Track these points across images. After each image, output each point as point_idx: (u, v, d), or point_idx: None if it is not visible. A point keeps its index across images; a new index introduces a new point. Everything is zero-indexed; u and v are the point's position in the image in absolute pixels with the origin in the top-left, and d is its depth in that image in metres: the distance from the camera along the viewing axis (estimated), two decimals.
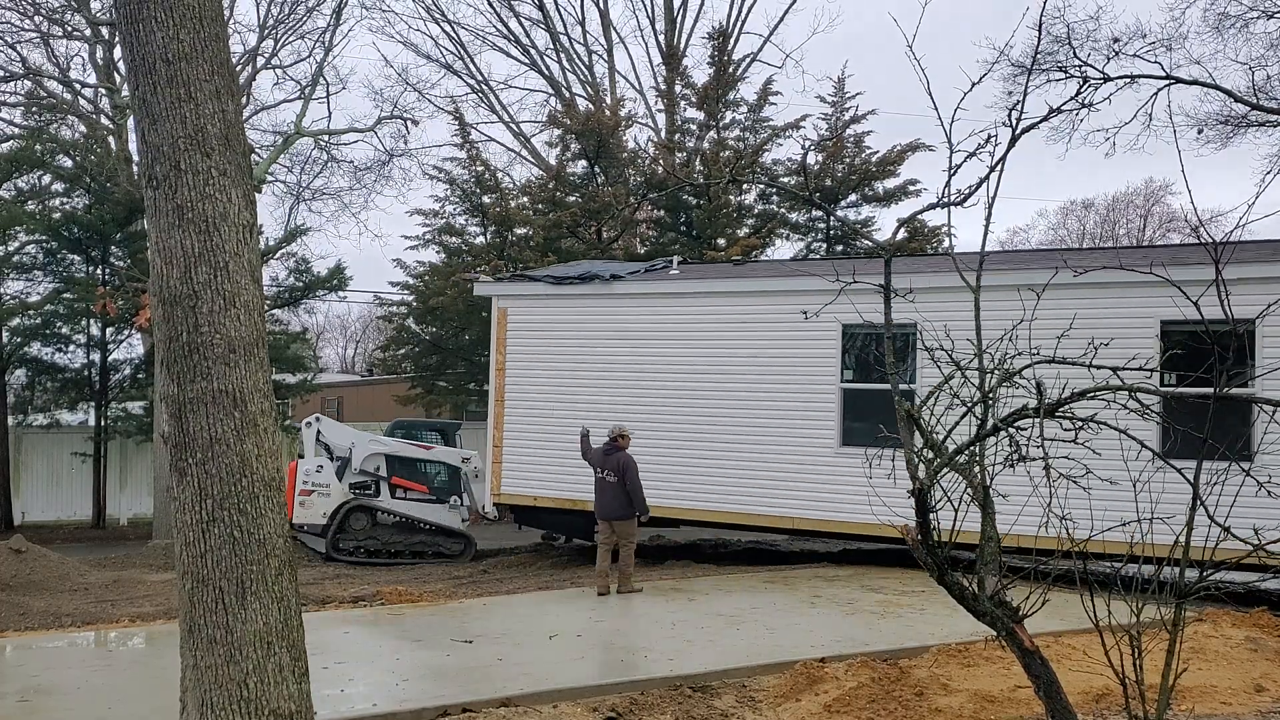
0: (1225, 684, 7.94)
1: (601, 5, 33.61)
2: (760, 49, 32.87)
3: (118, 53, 24.14)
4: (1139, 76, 13.19)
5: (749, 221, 27.97)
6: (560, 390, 16.06)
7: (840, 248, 27.43)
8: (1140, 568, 5.07)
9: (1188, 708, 7.23)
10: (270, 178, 27.55)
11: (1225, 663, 8.51)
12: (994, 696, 7.59)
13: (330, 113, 35.47)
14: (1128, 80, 13.33)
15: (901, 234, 22.55)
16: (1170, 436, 5.42)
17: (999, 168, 5.76)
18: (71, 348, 26.67)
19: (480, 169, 28.06)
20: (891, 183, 27.32)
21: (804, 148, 28.59)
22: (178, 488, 4.82)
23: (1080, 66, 14.51)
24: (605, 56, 33.70)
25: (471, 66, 34.68)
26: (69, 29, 26.60)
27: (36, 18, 25.94)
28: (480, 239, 28.04)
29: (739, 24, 32.07)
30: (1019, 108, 5.82)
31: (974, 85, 5.84)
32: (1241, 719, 7.25)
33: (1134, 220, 47.73)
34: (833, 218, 26.66)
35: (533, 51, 34.20)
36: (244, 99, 24.88)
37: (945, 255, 16.12)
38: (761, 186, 27.26)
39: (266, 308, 8.46)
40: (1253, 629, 9.52)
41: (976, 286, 5.84)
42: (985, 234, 6.05)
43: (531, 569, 16.00)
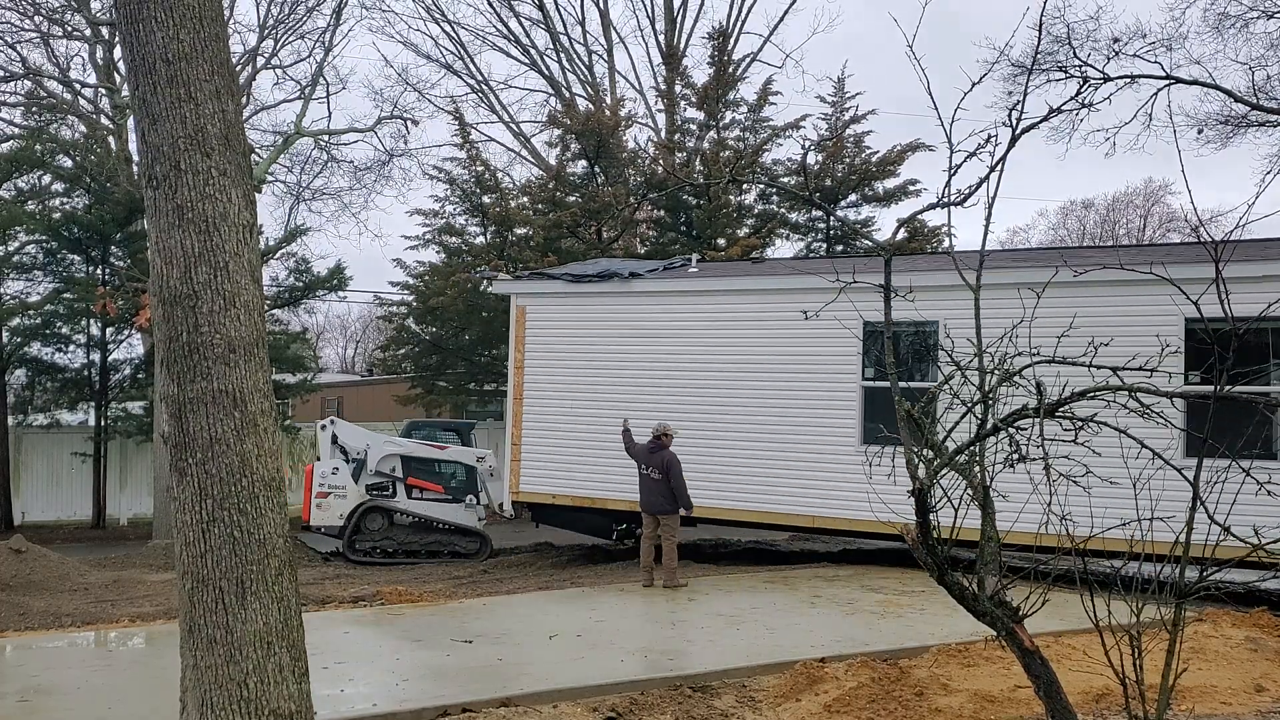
0: (1225, 684, 7.94)
1: (601, 5, 33.64)
2: (760, 49, 32.93)
3: (118, 53, 24.14)
4: (1139, 76, 13.21)
5: (749, 221, 27.98)
6: (579, 388, 16.09)
7: (840, 248, 27.43)
8: (1140, 567, 5.07)
9: (1188, 708, 7.23)
10: (270, 178, 27.54)
11: (1225, 663, 8.51)
12: (994, 696, 7.59)
13: (330, 113, 35.61)
14: (1128, 80, 13.35)
15: (901, 234, 22.59)
16: (1193, 436, 5.41)
17: (999, 168, 5.77)
18: (71, 348, 26.66)
19: (480, 169, 28.07)
20: (891, 183, 27.34)
21: (804, 148, 28.60)
22: (178, 488, 4.82)
23: (1080, 66, 14.53)
24: (605, 56, 33.73)
25: (471, 66, 34.73)
26: (69, 29, 26.60)
27: (36, 18, 25.94)
28: (480, 239, 28.05)
29: (739, 24, 32.12)
30: (1019, 108, 5.82)
31: (974, 85, 5.85)
32: (1241, 719, 7.25)
33: (1134, 220, 47.74)
34: (833, 218, 26.66)
35: (533, 51, 34.23)
36: (244, 99, 24.88)
37: (961, 253, 16.12)
38: (761, 186, 27.26)
39: (266, 308, 8.46)
40: (1253, 629, 9.52)
41: (976, 286, 5.84)
42: (985, 234, 6.05)
43: (532, 569, 16.00)
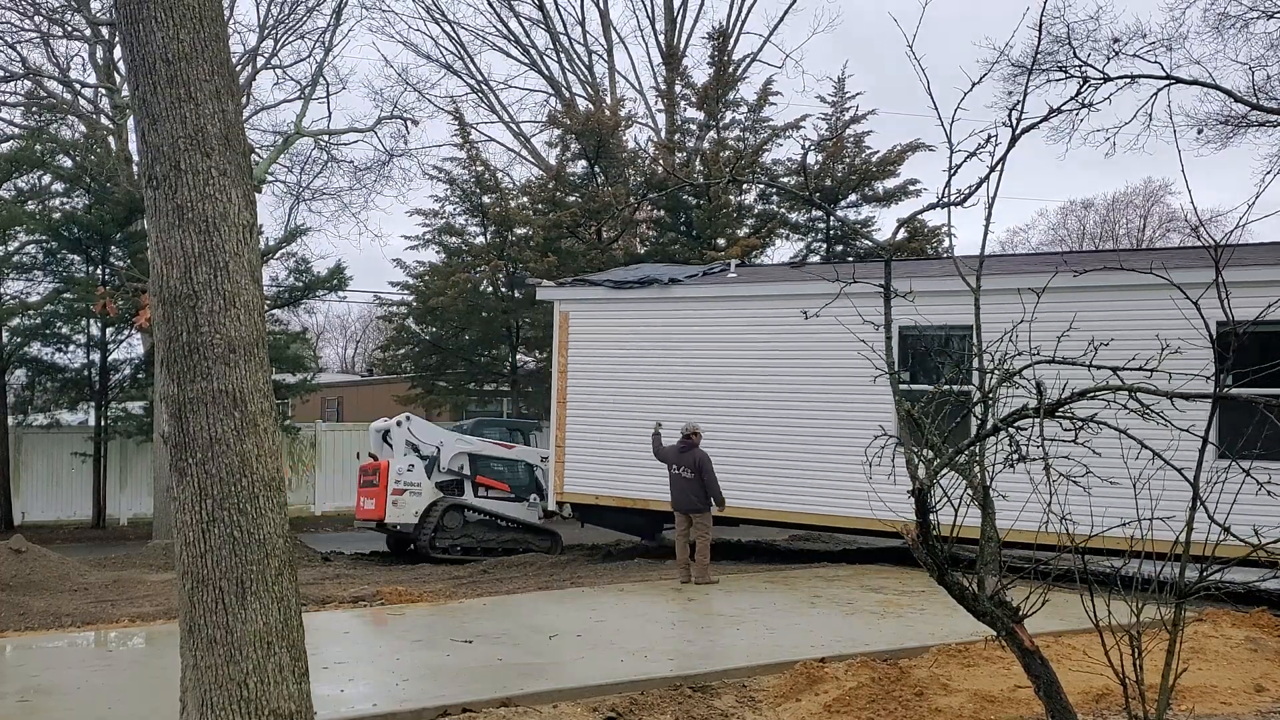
0: (1225, 684, 7.94)
1: (601, 5, 33.64)
2: (760, 49, 32.93)
3: (118, 53, 24.14)
4: (1139, 76, 13.19)
5: (749, 221, 27.98)
6: (620, 392, 16.38)
7: (840, 248, 27.45)
8: (1140, 567, 5.07)
9: (1188, 708, 7.23)
10: (270, 178, 27.54)
11: (1225, 663, 8.51)
12: (994, 696, 7.59)
13: (330, 113, 35.48)
14: (1128, 80, 13.33)
15: (901, 234, 22.60)
16: (1224, 439, 5.39)
17: (999, 168, 5.77)
18: (71, 348, 26.67)
19: (480, 169, 28.07)
20: (891, 183, 27.35)
21: (804, 148, 28.64)
22: (178, 488, 4.82)
23: (1080, 66, 14.52)
24: (605, 56, 33.74)
25: (471, 66, 34.74)
26: (69, 29, 26.59)
27: (36, 18, 25.94)
28: (480, 239, 28.05)
29: (739, 24, 32.12)
30: (1019, 108, 5.82)
31: (974, 85, 5.85)
32: (1241, 719, 7.25)
33: (1134, 220, 47.75)
34: (833, 218, 26.67)
35: (533, 51, 34.23)
36: (244, 99, 24.88)
37: (976, 255, 16.17)
38: (761, 186, 27.27)
39: (266, 308, 8.47)
40: (1253, 629, 9.52)
41: (976, 287, 5.84)
42: (985, 234, 6.06)
43: (532, 569, 16.01)
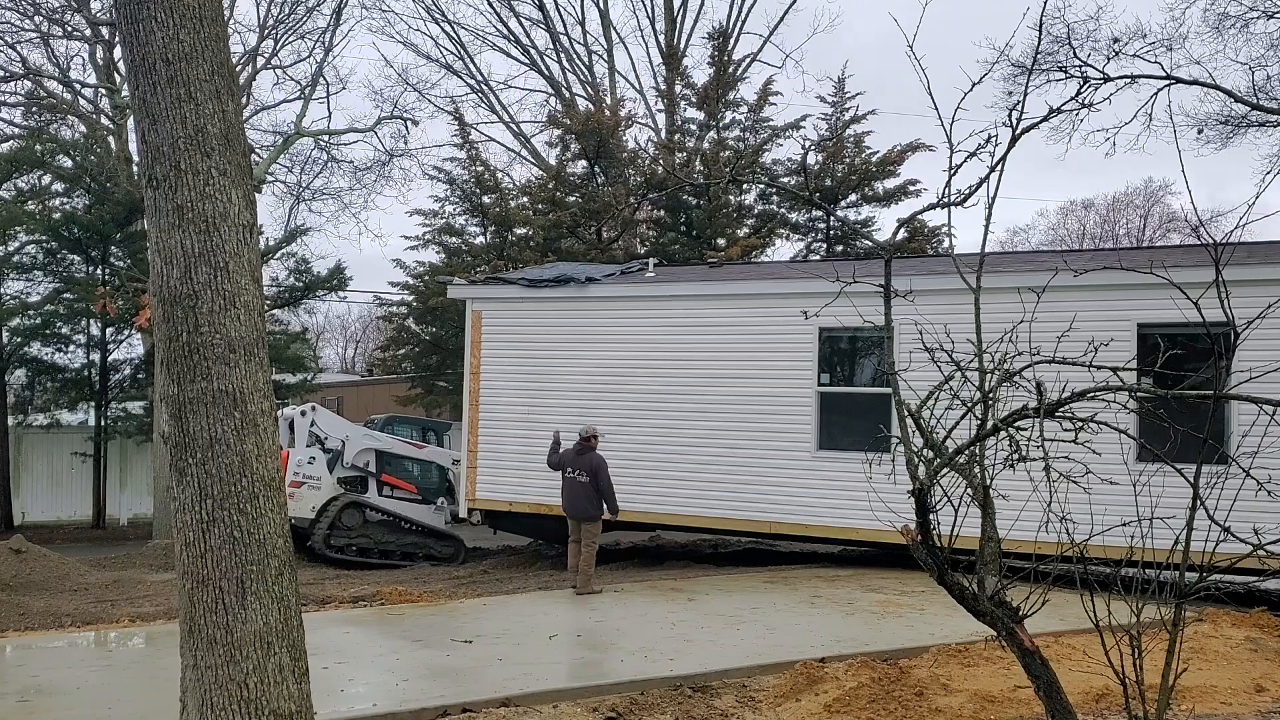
0: (1225, 684, 7.94)
1: (601, 5, 33.63)
2: (760, 49, 32.90)
3: (118, 53, 24.15)
4: (1139, 76, 13.21)
5: (749, 221, 27.99)
6: (536, 394, 15.89)
7: (840, 248, 27.45)
8: (1140, 567, 5.07)
9: (1188, 708, 7.23)
10: (270, 178, 27.56)
11: (1225, 663, 8.51)
12: (994, 696, 7.60)
13: (330, 113, 35.51)
14: (1128, 80, 13.34)
15: (901, 234, 22.58)
16: (1153, 437, 5.42)
17: (999, 168, 5.76)
18: (71, 348, 26.71)
19: (480, 169, 28.08)
20: (891, 183, 27.35)
21: (804, 148, 28.60)
22: (178, 488, 4.82)
23: (1080, 66, 14.52)
24: (605, 56, 33.72)
25: (471, 66, 34.74)
26: (69, 29, 26.62)
27: (36, 18, 25.96)
28: (480, 239, 28.06)
29: (739, 24, 32.11)
30: (1019, 108, 5.82)
31: (974, 85, 5.84)
32: (1241, 719, 7.25)
33: (1134, 220, 47.73)
34: (833, 218, 26.68)
35: (533, 51, 34.23)
36: (244, 99, 24.88)
37: (945, 255, 16.12)
38: (761, 186, 27.27)
39: (266, 308, 8.46)
40: (1253, 629, 9.52)
41: (977, 287, 5.84)
42: (985, 234, 6.05)
43: (532, 569, 16.00)
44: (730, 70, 28.92)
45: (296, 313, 30.95)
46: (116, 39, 19.05)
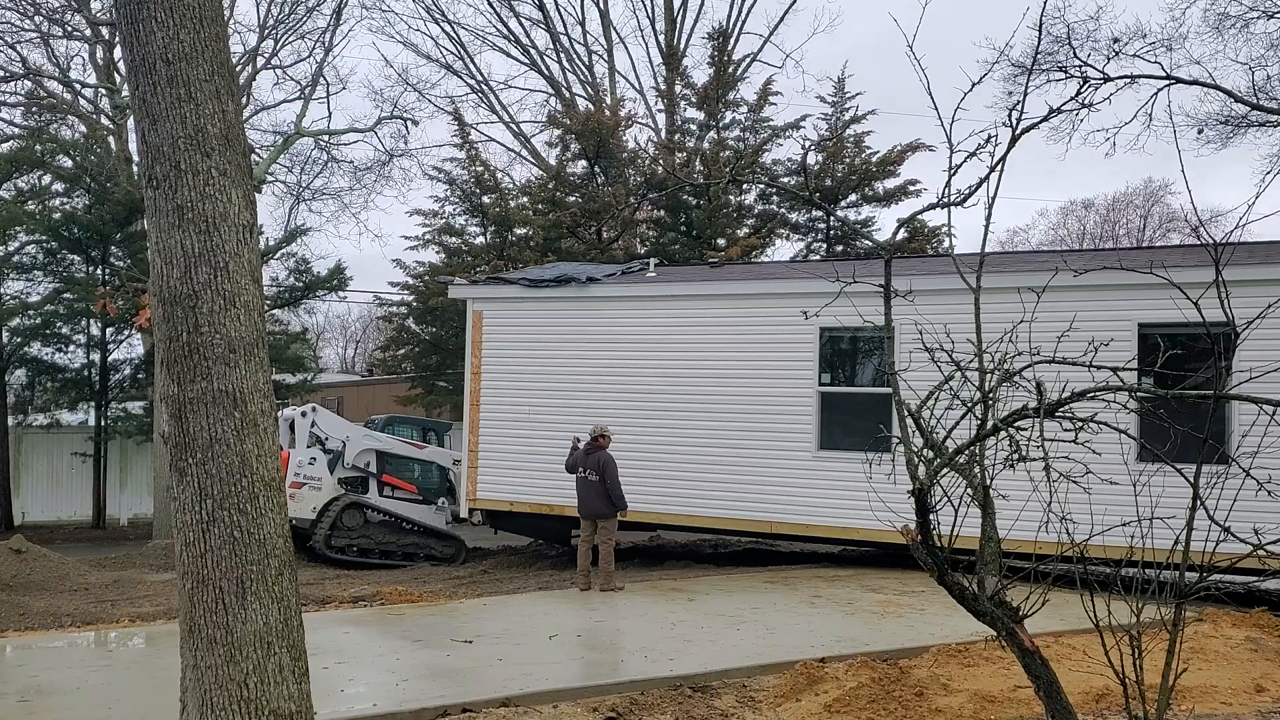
0: (1225, 684, 7.94)
1: (601, 5, 33.64)
2: (760, 49, 32.91)
3: (118, 53, 24.15)
4: (1139, 76, 13.21)
5: (749, 221, 27.99)
6: (537, 394, 15.90)
7: (840, 248, 27.45)
8: (1140, 567, 5.08)
9: (1188, 708, 7.23)
10: (270, 178, 27.56)
11: (1225, 663, 8.51)
12: (994, 696, 7.60)
13: (330, 113, 35.42)
14: (1128, 80, 13.34)
15: (901, 234, 22.57)
16: (1154, 437, 5.42)
17: (999, 168, 5.76)
18: (71, 348, 26.72)
19: (480, 169, 28.08)
20: (891, 183, 27.36)
21: (804, 148, 28.63)
22: (178, 488, 4.82)
23: (1080, 66, 14.53)
24: (605, 56, 33.73)
25: (471, 66, 34.74)
26: (69, 29, 26.62)
27: (36, 18, 25.96)
28: (480, 239, 28.06)
29: (739, 24, 32.11)
30: (1019, 108, 5.81)
31: (974, 85, 5.84)
32: (1241, 719, 7.25)
33: (1134, 220, 47.73)
34: (833, 218, 26.68)
35: (533, 51, 34.23)
36: (244, 99, 24.89)
37: (943, 256, 16.11)
38: (761, 186, 27.27)
39: (266, 308, 8.47)
40: (1253, 629, 9.52)
41: (977, 287, 5.84)
42: (985, 234, 6.05)
43: (532, 569, 16.00)
44: (730, 70, 28.93)
45: (296, 313, 31.01)
46: (116, 39, 19.06)
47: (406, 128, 29.98)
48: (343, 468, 17.96)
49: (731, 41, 30.89)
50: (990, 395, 5.29)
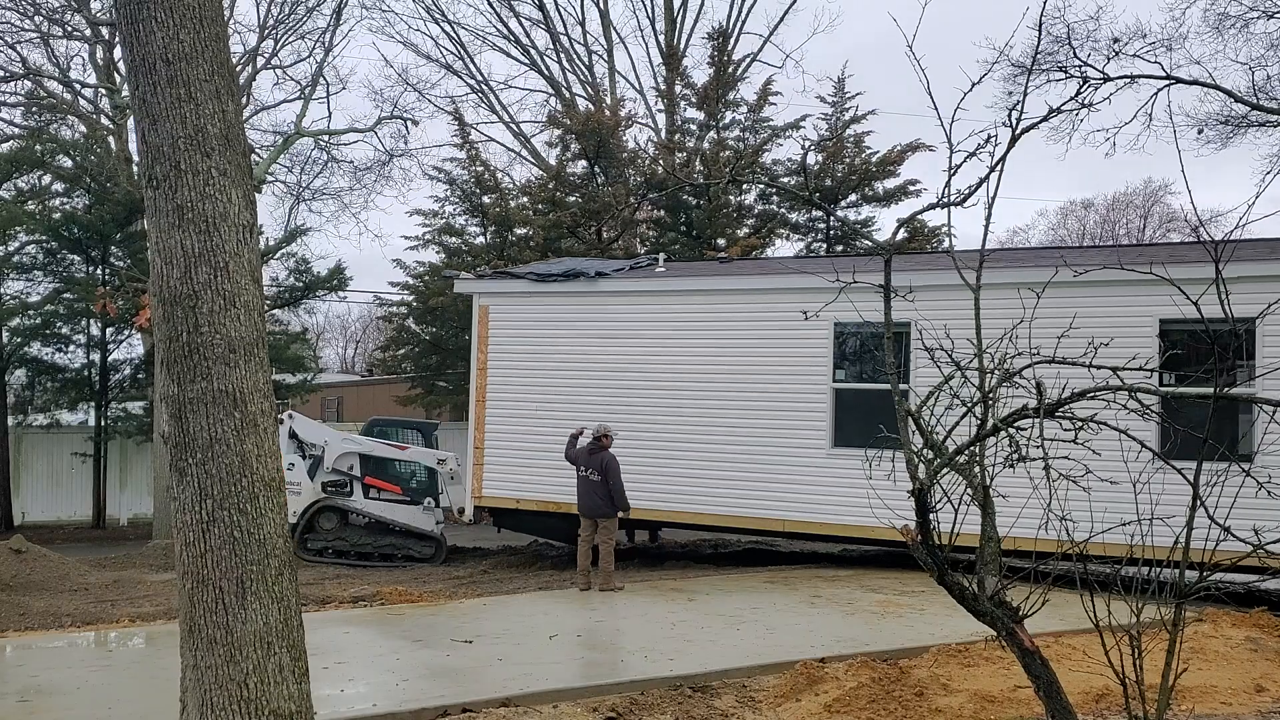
0: (1225, 684, 7.94)
1: (601, 5, 33.61)
2: (760, 49, 32.87)
3: (118, 53, 24.15)
4: (1139, 76, 13.20)
5: (749, 221, 27.98)
6: (544, 390, 15.75)
7: (840, 248, 27.43)
8: (1140, 567, 5.07)
9: (1188, 708, 7.23)
10: (270, 178, 27.55)
11: (1225, 663, 8.51)
12: (994, 696, 7.60)
13: (330, 113, 35.32)
14: (1128, 80, 13.33)
15: (901, 234, 22.56)
16: (1169, 437, 5.41)
17: (999, 168, 5.76)
18: (71, 348, 26.70)
19: (480, 169, 28.07)
20: (891, 183, 27.33)
21: (804, 148, 28.65)
22: (178, 488, 4.82)
23: (1080, 66, 14.51)
24: (605, 56, 33.70)
25: (471, 66, 34.70)
26: (69, 29, 26.61)
27: (36, 18, 25.95)
28: (480, 239, 28.05)
29: (739, 24, 32.08)
30: (1019, 108, 5.81)
31: (974, 85, 5.84)
32: (1241, 719, 7.25)
33: (1134, 220, 47.72)
34: (833, 218, 26.67)
35: (533, 51, 34.21)
36: (244, 99, 24.88)
37: (945, 253, 16.07)
38: (761, 186, 27.26)
39: (266, 308, 8.46)
40: (1253, 629, 9.52)
41: (977, 286, 5.84)
42: (985, 234, 6.04)
43: (532, 569, 16.00)
44: (730, 70, 28.91)
45: (296, 313, 30.96)
46: (116, 39, 19.05)
47: (406, 128, 29.98)
48: (324, 472, 18.06)
49: (731, 41, 30.89)
50: (990, 396, 5.29)
